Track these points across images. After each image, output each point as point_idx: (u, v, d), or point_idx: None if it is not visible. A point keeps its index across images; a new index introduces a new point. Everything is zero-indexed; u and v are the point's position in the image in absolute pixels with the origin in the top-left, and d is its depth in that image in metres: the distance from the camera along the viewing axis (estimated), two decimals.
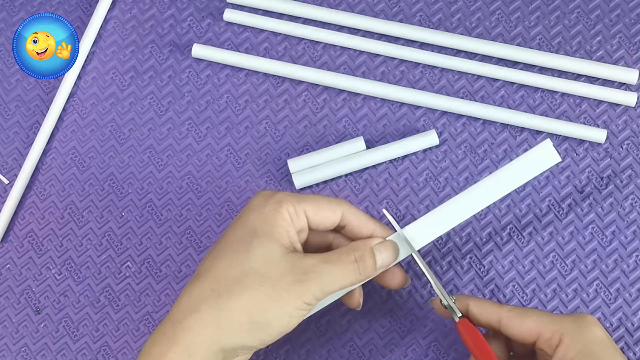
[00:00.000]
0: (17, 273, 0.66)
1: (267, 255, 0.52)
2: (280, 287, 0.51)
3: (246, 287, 0.51)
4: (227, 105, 0.68)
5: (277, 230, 0.53)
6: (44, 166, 0.68)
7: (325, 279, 0.52)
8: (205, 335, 0.51)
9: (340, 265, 0.53)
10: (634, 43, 0.67)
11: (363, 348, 0.63)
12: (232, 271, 0.52)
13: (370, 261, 0.54)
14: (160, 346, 0.51)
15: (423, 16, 0.68)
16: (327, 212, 0.55)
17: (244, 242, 0.53)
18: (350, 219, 0.56)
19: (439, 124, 0.66)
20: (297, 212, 0.54)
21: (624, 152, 0.65)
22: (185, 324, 0.51)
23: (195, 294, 0.52)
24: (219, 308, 0.51)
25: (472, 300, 0.55)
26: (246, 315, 0.51)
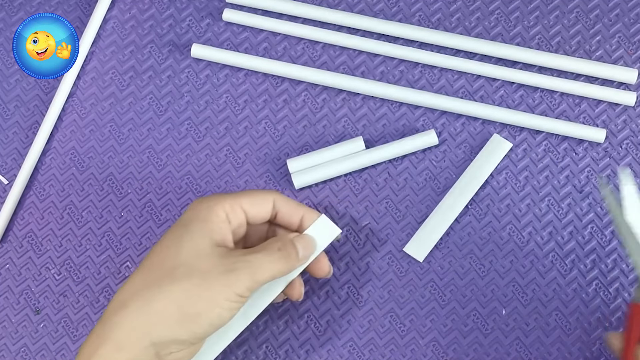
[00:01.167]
0: (16, 273, 0.66)
1: (197, 249, 0.53)
2: (210, 278, 0.52)
3: (175, 279, 0.52)
4: (226, 105, 0.68)
5: (209, 225, 0.54)
6: (43, 166, 0.68)
7: (255, 267, 0.53)
8: (134, 329, 0.51)
9: (266, 254, 0.54)
10: (633, 43, 0.67)
11: (363, 348, 0.63)
12: (163, 265, 0.53)
13: (292, 249, 0.56)
14: (92, 345, 0.51)
15: (422, 16, 0.68)
16: (260, 200, 0.57)
17: (175, 237, 0.54)
18: (281, 205, 0.58)
19: (439, 123, 0.66)
20: (234, 209, 0.55)
21: (623, 151, 0.65)
22: (115, 320, 0.51)
23: (126, 291, 0.53)
24: (147, 300, 0.51)
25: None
26: (175, 307, 0.51)
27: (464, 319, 0.63)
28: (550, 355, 0.62)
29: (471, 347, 0.62)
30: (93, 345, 0.51)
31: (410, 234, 0.64)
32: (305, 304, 0.64)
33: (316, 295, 0.64)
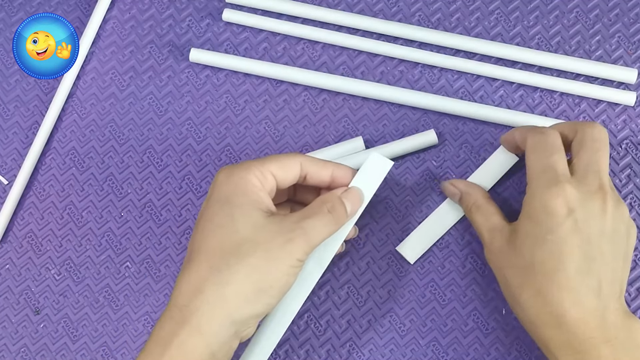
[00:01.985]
0: (16, 273, 0.66)
1: (252, 222, 0.53)
2: (273, 249, 0.52)
3: (242, 256, 0.52)
4: (226, 106, 0.68)
5: (251, 197, 0.54)
6: (43, 166, 0.68)
7: (310, 233, 0.54)
8: (214, 313, 0.51)
9: (319, 218, 0.55)
10: (632, 42, 0.67)
11: (362, 348, 0.63)
12: (224, 245, 0.53)
13: (341, 209, 0.56)
14: (170, 328, 0.52)
15: (422, 16, 0.68)
16: (288, 165, 0.57)
17: (226, 214, 0.54)
18: (308, 166, 0.58)
19: (439, 123, 0.66)
20: (264, 175, 0.55)
21: (623, 151, 0.65)
22: (192, 306, 0.51)
23: (193, 276, 0.52)
24: (221, 284, 0.52)
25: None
26: (250, 284, 0.52)
27: (464, 319, 0.63)
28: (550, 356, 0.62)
29: (471, 347, 0.62)
30: (170, 330, 0.51)
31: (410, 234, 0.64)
32: (305, 303, 0.64)
33: (316, 295, 0.64)
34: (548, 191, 0.54)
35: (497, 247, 0.57)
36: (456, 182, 0.62)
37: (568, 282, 0.53)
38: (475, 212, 0.60)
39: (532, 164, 0.56)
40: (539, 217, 0.54)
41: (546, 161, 0.55)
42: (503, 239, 0.57)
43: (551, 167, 0.55)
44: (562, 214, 0.53)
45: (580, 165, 0.55)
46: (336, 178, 0.58)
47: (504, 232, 0.57)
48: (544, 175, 0.55)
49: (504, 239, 0.57)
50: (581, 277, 0.53)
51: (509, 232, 0.57)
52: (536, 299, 0.54)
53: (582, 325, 0.52)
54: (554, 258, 0.53)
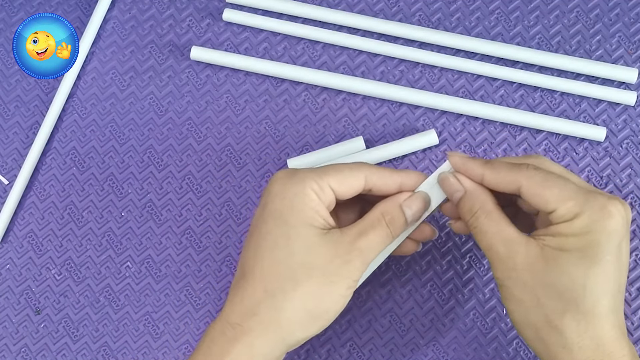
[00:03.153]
0: (17, 273, 0.66)
1: (308, 244, 0.52)
2: (330, 273, 0.52)
3: (298, 281, 0.51)
4: (226, 106, 0.68)
5: (308, 213, 0.52)
6: (44, 166, 0.68)
7: (366, 252, 0.53)
8: (268, 335, 0.51)
9: (377, 234, 0.53)
10: (633, 42, 0.67)
11: (363, 348, 0.63)
12: (279, 268, 0.52)
13: (400, 220, 0.54)
14: (222, 345, 0.51)
15: (422, 16, 0.68)
16: (350, 180, 0.54)
17: (281, 234, 0.52)
18: (374, 180, 0.55)
19: (439, 123, 0.66)
20: (322, 188, 0.53)
21: (624, 151, 0.65)
22: (246, 326, 0.51)
23: (247, 297, 0.52)
24: (276, 309, 0.51)
25: (482, 165, 0.53)
26: (304, 310, 0.51)
27: (464, 318, 0.63)
28: None
29: (471, 347, 0.62)
30: (223, 345, 0.51)
31: None
32: None
33: None
34: (605, 210, 0.49)
35: (525, 264, 0.51)
36: (462, 178, 0.54)
37: (613, 304, 0.50)
38: (484, 219, 0.53)
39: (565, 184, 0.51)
40: (597, 237, 0.49)
41: (581, 181, 0.53)
42: (532, 255, 0.51)
43: (590, 186, 0.52)
44: (621, 233, 0.50)
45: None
46: (404, 187, 0.55)
47: (530, 247, 0.51)
48: (591, 193, 0.51)
49: (534, 255, 0.50)
50: (620, 296, 0.51)
51: (540, 247, 0.51)
52: (580, 322, 0.49)
53: (617, 344, 0.50)
54: (608, 280, 0.49)
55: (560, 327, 0.49)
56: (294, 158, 0.66)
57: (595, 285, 0.49)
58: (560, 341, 0.50)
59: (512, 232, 0.52)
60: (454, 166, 0.54)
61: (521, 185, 0.51)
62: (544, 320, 0.50)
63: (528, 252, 0.51)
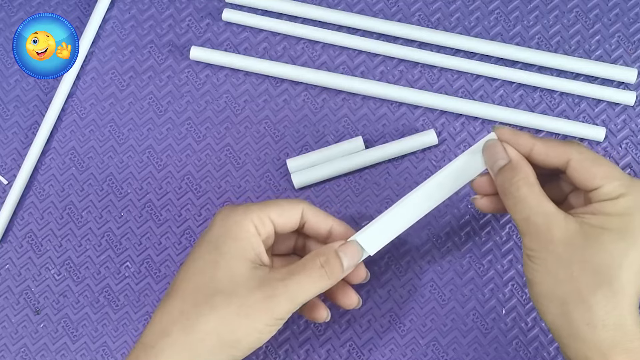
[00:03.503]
0: (16, 273, 0.66)
1: (234, 274, 0.52)
2: (248, 305, 0.51)
3: (214, 307, 0.51)
4: (226, 105, 0.68)
5: (242, 244, 0.53)
6: (43, 166, 0.68)
7: (294, 290, 0.52)
8: (177, 357, 0.51)
9: (308, 274, 0.53)
10: (632, 42, 0.67)
11: (362, 348, 0.63)
12: (199, 292, 0.52)
13: (336, 263, 0.54)
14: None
15: (422, 16, 0.68)
16: (289, 212, 0.56)
17: (210, 260, 0.53)
18: (309, 215, 0.57)
19: (438, 123, 0.66)
20: (262, 220, 0.54)
21: (623, 151, 0.65)
22: (158, 347, 0.51)
23: (165, 318, 0.52)
24: (188, 331, 0.51)
25: (537, 140, 0.54)
26: (216, 336, 0.51)
27: (464, 319, 0.63)
28: (548, 355, 0.62)
29: (471, 347, 0.62)
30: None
31: (410, 233, 0.64)
32: None
33: None
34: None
35: (564, 239, 0.51)
36: (508, 147, 0.54)
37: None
38: (527, 190, 0.52)
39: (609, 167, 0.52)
40: (639, 219, 0.50)
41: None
42: (571, 230, 0.51)
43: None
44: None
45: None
46: (335, 232, 0.57)
47: (569, 223, 0.51)
48: (636, 179, 0.52)
49: (574, 231, 0.51)
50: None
51: (579, 224, 0.51)
52: (610, 300, 0.50)
53: (636, 329, 0.50)
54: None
55: (590, 302, 0.50)
56: (293, 158, 0.66)
57: (631, 265, 0.50)
58: (585, 317, 0.50)
59: (551, 206, 0.52)
60: (502, 137, 0.55)
61: (571, 159, 0.52)
62: (574, 293, 0.50)
63: (567, 227, 0.51)
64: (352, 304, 0.58)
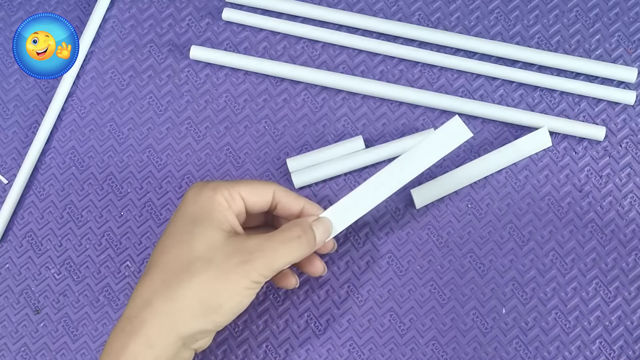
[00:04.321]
0: (16, 273, 0.66)
1: (210, 242, 0.54)
2: (227, 269, 0.53)
3: (193, 274, 0.53)
4: (226, 105, 0.68)
5: (216, 216, 0.55)
6: (43, 166, 0.68)
7: (271, 256, 0.54)
8: (161, 326, 0.52)
9: (285, 242, 0.55)
10: (632, 41, 0.67)
11: (362, 347, 0.63)
12: (178, 261, 0.53)
13: (311, 235, 0.56)
14: (121, 341, 0.53)
15: (422, 15, 0.68)
16: (260, 190, 0.57)
17: (186, 232, 0.54)
18: (281, 196, 0.58)
19: (438, 122, 0.66)
20: (232, 196, 0.56)
21: (623, 150, 0.65)
22: (141, 317, 0.52)
23: (146, 288, 0.53)
24: (170, 298, 0.52)
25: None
26: (197, 301, 0.52)
27: (464, 318, 0.63)
28: (549, 354, 0.62)
29: (471, 346, 0.62)
30: (121, 342, 0.52)
31: (410, 232, 0.64)
32: (305, 302, 0.64)
33: (316, 294, 0.64)
34: None
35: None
36: None
37: None
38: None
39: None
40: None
41: None
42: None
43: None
44: None
45: None
46: (306, 213, 0.59)
47: None
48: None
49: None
50: None
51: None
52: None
53: None
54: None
55: None
56: (293, 157, 0.66)
57: None
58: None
59: None
60: None
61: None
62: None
63: None
64: (317, 271, 0.60)
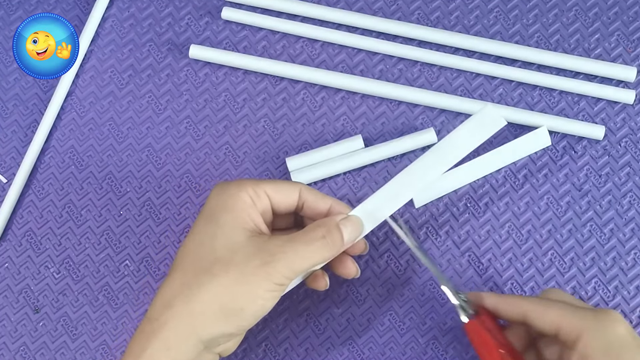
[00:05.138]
0: (15, 272, 0.66)
1: (231, 243, 0.53)
2: (248, 272, 0.52)
3: (213, 276, 0.52)
4: (225, 104, 0.68)
5: (239, 214, 0.54)
6: (42, 165, 0.68)
7: (293, 257, 0.52)
8: (181, 329, 0.52)
9: (308, 243, 0.53)
10: (632, 40, 0.67)
11: (362, 346, 0.63)
12: (199, 263, 0.53)
13: (337, 235, 0.54)
14: (140, 343, 0.52)
15: (421, 14, 0.68)
16: (285, 189, 0.56)
17: (208, 233, 0.54)
18: (307, 195, 0.57)
19: (438, 122, 0.66)
20: (257, 193, 0.55)
21: (622, 149, 0.65)
22: (162, 320, 0.52)
23: (167, 291, 0.53)
24: (190, 301, 0.52)
25: (491, 296, 0.56)
26: (218, 304, 0.52)
27: None
28: None
29: (470, 345, 0.62)
30: (141, 344, 0.52)
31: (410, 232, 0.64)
32: (305, 302, 0.64)
33: (315, 293, 0.64)
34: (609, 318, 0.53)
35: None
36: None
37: None
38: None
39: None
40: (613, 344, 0.52)
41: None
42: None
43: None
44: (629, 333, 0.52)
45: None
46: (334, 212, 0.57)
47: None
48: (590, 309, 0.54)
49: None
50: None
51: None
52: None
53: None
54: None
55: None
56: (293, 157, 0.66)
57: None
58: None
59: None
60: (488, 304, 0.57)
61: (525, 311, 0.54)
62: None
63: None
64: (350, 273, 0.58)
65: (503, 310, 0.56)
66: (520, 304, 0.55)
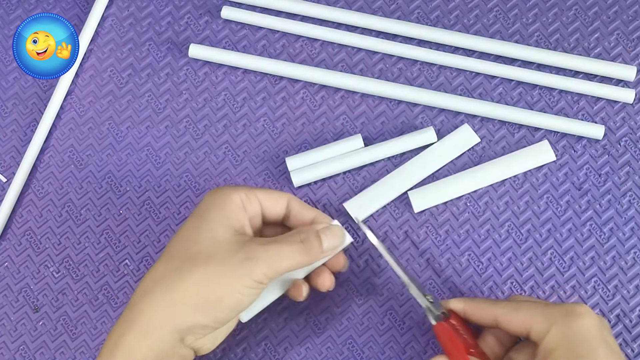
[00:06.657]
0: (15, 271, 0.66)
1: (215, 237, 0.54)
2: (229, 265, 0.53)
3: (194, 266, 0.53)
4: (225, 103, 0.68)
5: (227, 213, 0.55)
6: (42, 164, 0.68)
7: (274, 257, 0.54)
8: (158, 316, 0.52)
9: (288, 245, 0.55)
10: (631, 40, 0.67)
11: (362, 345, 0.63)
12: (182, 254, 0.54)
13: (315, 242, 0.56)
14: (119, 330, 0.53)
15: (421, 13, 0.68)
16: (275, 197, 0.58)
17: (195, 227, 0.55)
18: (294, 205, 0.59)
19: (437, 121, 0.66)
20: (249, 198, 0.57)
21: (622, 149, 0.65)
22: (140, 306, 0.53)
23: (148, 279, 0.54)
24: (169, 289, 0.53)
25: (461, 301, 0.58)
26: (196, 294, 0.52)
27: None
28: None
29: None
30: (120, 331, 0.53)
31: (409, 231, 0.64)
32: (305, 301, 0.64)
33: (315, 293, 0.64)
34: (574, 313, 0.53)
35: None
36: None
37: None
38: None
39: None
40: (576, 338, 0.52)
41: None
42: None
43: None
44: (597, 326, 0.53)
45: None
46: (317, 222, 0.59)
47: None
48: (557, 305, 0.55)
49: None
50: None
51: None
52: None
53: None
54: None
55: None
56: (292, 156, 0.66)
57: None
58: None
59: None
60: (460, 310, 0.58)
61: (497, 315, 0.55)
62: None
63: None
64: (324, 284, 0.59)
65: (473, 314, 0.57)
66: (490, 307, 0.56)
